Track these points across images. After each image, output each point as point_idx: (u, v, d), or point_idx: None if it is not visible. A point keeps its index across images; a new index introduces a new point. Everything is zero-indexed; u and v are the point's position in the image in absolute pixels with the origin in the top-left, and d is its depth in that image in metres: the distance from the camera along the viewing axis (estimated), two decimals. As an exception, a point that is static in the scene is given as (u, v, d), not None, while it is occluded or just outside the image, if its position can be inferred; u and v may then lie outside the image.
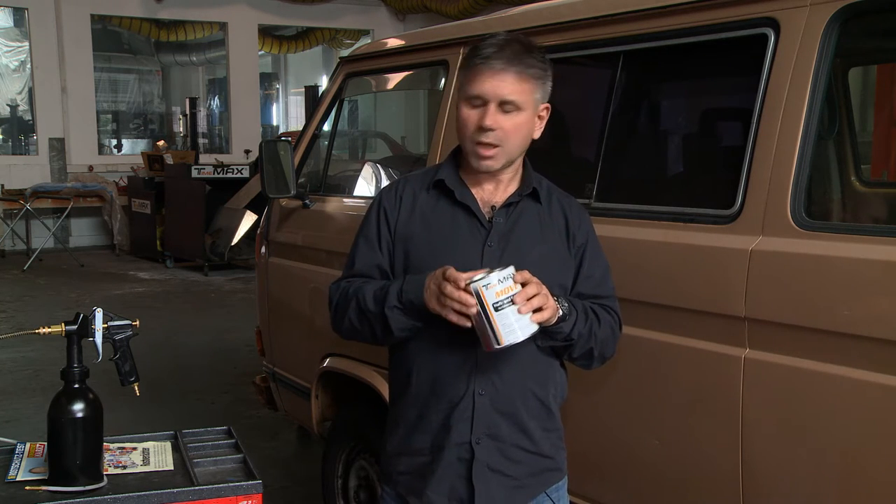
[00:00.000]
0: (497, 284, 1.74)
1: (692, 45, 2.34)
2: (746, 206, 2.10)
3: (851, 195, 3.14)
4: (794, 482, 2.03)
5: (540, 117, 1.93)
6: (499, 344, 1.77)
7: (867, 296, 1.85)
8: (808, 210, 2.02)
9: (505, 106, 1.85)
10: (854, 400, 1.89)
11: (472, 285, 1.76)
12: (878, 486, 1.87)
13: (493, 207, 1.95)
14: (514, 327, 1.76)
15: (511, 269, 1.77)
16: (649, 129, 2.98)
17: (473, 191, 1.96)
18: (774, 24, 2.10)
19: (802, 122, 2.01)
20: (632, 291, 2.34)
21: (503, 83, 1.84)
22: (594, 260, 2.02)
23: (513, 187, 1.98)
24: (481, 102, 1.86)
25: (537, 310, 1.75)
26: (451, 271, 1.76)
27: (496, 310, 1.75)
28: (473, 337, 1.81)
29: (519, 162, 1.98)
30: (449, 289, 1.75)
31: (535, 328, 1.78)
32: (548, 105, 1.94)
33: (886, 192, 3.59)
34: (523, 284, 1.75)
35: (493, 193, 1.97)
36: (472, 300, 1.74)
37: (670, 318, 2.26)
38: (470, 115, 1.88)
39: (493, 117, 1.85)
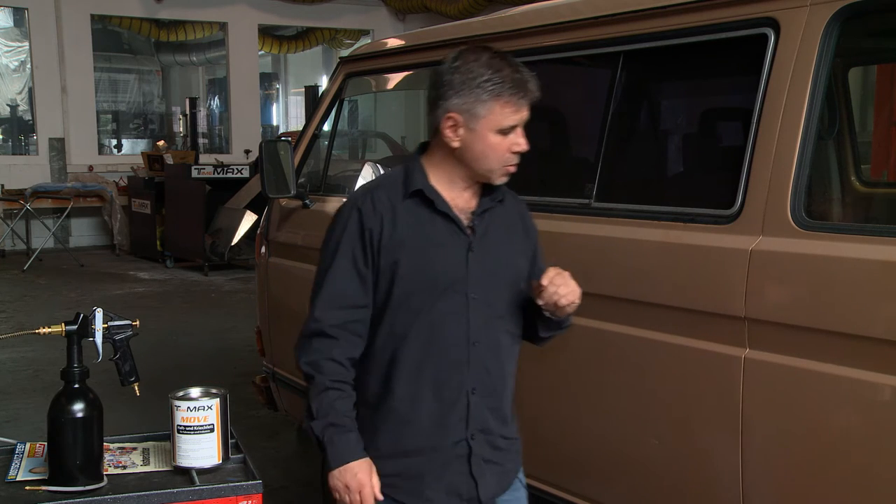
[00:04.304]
0: (186, 412, 1.95)
1: (692, 45, 2.34)
2: (746, 206, 2.10)
3: (851, 195, 3.14)
4: (794, 482, 2.03)
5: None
6: (174, 461, 1.98)
7: (867, 296, 1.85)
8: (808, 210, 2.02)
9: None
10: (854, 400, 1.89)
11: (170, 399, 1.95)
12: (879, 486, 1.87)
13: (472, 213, 1.97)
14: (188, 454, 1.97)
15: (212, 402, 1.97)
16: (649, 129, 2.98)
17: (445, 198, 1.97)
18: (774, 24, 2.10)
19: (802, 122, 2.01)
20: (631, 291, 2.34)
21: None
22: (541, 254, 2.11)
23: (473, 193, 1.99)
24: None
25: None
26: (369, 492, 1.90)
27: (178, 432, 1.96)
28: (465, 338, 1.92)
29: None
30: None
31: (214, 462, 1.98)
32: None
33: (886, 192, 3.59)
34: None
35: (454, 199, 1.97)
36: None
37: (670, 318, 2.25)
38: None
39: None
